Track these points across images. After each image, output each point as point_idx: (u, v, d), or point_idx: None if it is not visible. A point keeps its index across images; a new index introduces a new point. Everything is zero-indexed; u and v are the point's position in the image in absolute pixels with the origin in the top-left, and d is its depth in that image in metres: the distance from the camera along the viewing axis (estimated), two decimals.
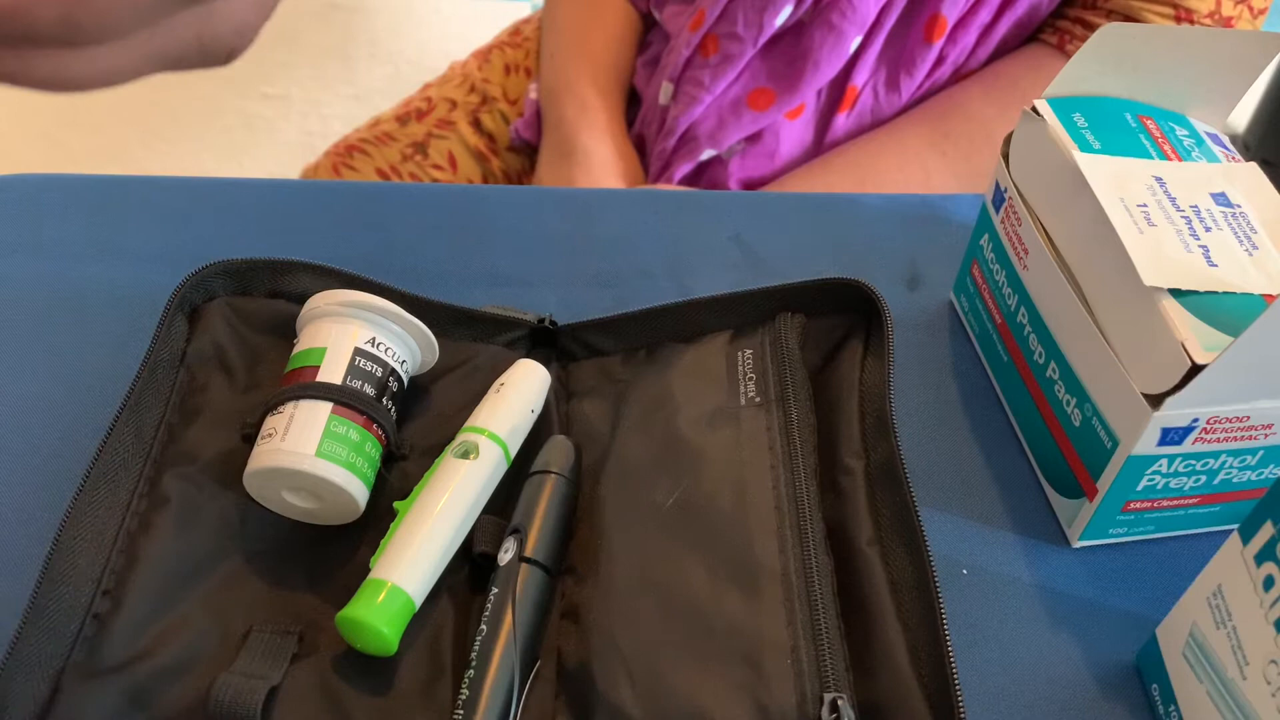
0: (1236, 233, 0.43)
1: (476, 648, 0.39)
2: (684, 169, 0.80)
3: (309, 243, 0.58)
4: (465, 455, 0.43)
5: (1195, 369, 0.38)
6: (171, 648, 0.38)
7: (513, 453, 0.45)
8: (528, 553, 0.41)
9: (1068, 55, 0.76)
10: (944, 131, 0.78)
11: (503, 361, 0.48)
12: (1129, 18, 0.74)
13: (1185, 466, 0.43)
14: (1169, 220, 0.43)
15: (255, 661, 0.38)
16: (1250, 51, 0.48)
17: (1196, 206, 0.44)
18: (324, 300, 0.45)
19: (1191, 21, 0.72)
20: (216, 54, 0.23)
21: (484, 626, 0.39)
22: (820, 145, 0.81)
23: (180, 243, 0.58)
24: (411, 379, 0.47)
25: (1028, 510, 0.48)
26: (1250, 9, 0.74)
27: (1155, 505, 0.45)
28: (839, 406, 0.45)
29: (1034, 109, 0.48)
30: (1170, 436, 0.41)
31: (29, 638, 0.36)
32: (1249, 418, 0.41)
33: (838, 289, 0.48)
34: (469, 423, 0.44)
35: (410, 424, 0.47)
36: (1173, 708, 0.40)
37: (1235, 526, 0.36)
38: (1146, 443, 0.41)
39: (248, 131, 1.84)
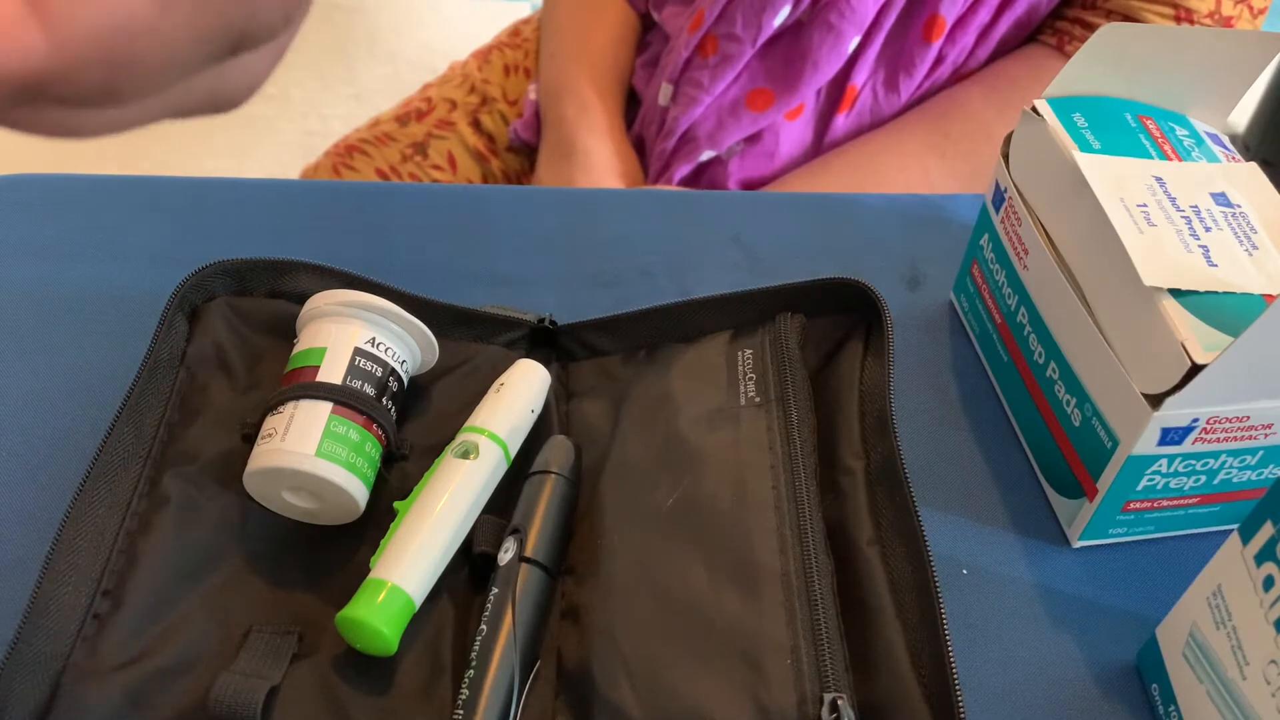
0: (1236, 233, 0.43)
1: (476, 648, 0.39)
2: (683, 170, 0.80)
3: (309, 243, 0.58)
4: (465, 455, 0.43)
5: (1195, 369, 0.38)
6: (171, 648, 0.38)
7: (513, 453, 0.45)
8: (528, 553, 0.41)
9: (1067, 55, 0.76)
10: (943, 132, 0.78)
11: (503, 361, 0.48)
12: (1129, 18, 0.74)
13: (1185, 466, 0.43)
14: (1169, 220, 0.43)
15: (255, 661, 0.38)
16: (1250, 51, 0.48)
17: (1196, 206, 0.44)
18: (324, 300, 0.45)
19: (1191, 21, 0.72)
20: (223, 106, 0.23)
21: (484, 626, 0.39)
22: (820, 146, 0.81)
23: (180, 243, 0.58)
24: (411, 379, 0.47)
25: (1028, 510, 0.48)
26: (1250, 9, 0.74)
27: (1155, 505, 0.45)
28: (839, 406, 0.45)
29: (1034, 109, 0.48)
30: (1170, 436, 0.41)
31: (29, 638, 0.36)
32: (1249, 418, 0.41)
33: (838, 289, 0.48)
34: (469, 423, 0.44)
35: (410, 424, 0.47)
36: (1173, 708, 0.40)
37: (1235, 526, 0.36)
38: (1146, 443, 0.41)
39: (248, 131, 1.84)
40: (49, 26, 0.17)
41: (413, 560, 0.39)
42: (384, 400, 0.43)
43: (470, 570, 0.42)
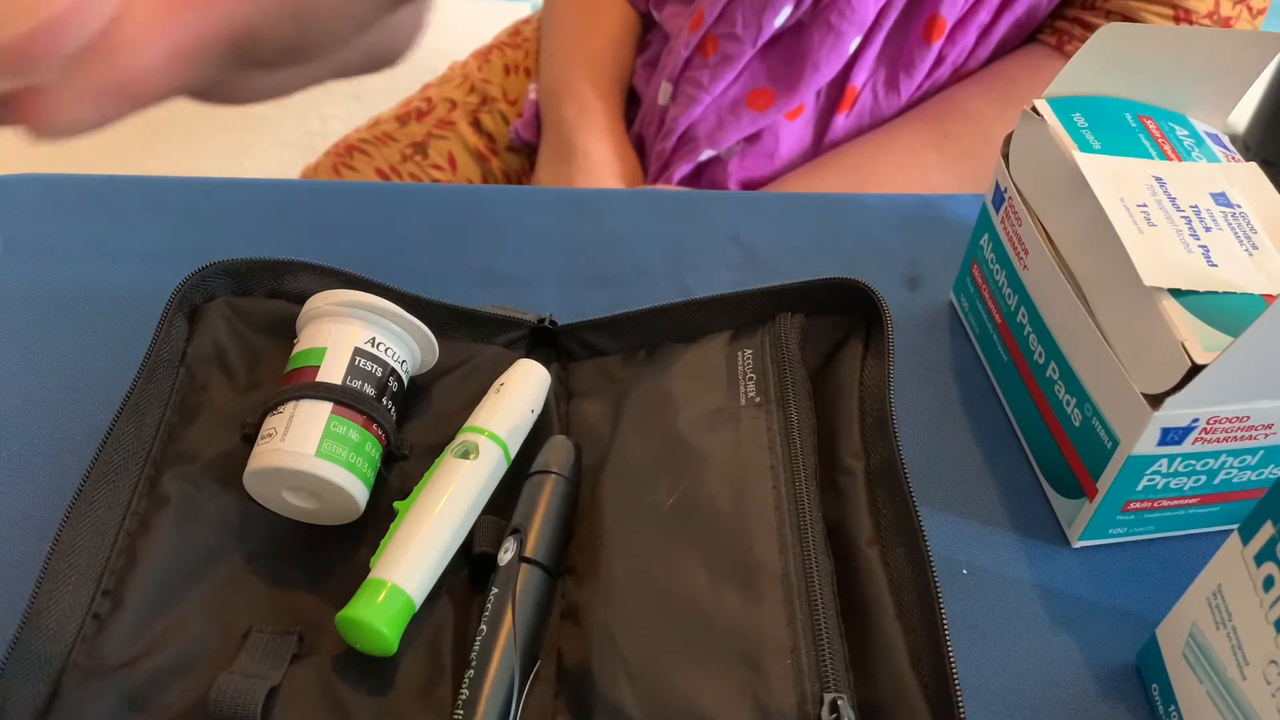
0: (1236, 233, 0.43)
1: (476, 648, 0.39)
2: (683, 169, 0.80)
3: (309, 243, 0.58)
4: (465, 455, 0.43)
5: (1195, 369, 0.38)
6: (171, 648, 0.38)
7: (513, 453, 0.45)
8: (528, 553, 0.41)
9: (1066, 55, 0.76)
10: (943, 132, 0.78)
11: (503, 361, 0.48)
12: (1128, 18, 0.74)
13: (1185, 466, 0.43)
14: (1169, 220, 0.43)
15: (255, 661, 0.38)
16: (1250, 51, 0.48)
17: (1196, 206, 0.44)
18: (324, 300, 0.45)
19: (1191, 22, 0.72)
20: (386, 59, 0.23)
21: (484, 626, 0.39)
22: (819, 146, 0.81)
23: (180, 243, 0.58)
24: (411, 379, 0.47)
25: (1028, 510, 0.48)
26: (1249, 9, 0.74)
27: (1155, 505, 0.45)
28: (839, 406, 0.45)
29: (1034, 109, 0.48)
30: (1170, 436, 0.41)
31: (29, 638, 0.36)
32: (1249, 418, 0.41)
33: (838, 289, 0.48)
34: (469, 423, 0.44)
35: (410, 424, 0.46)
36: (1173, 708, 0.40)
37: (1235, 526, 0.36)
38: (1146, 443, 0.41)
39: (248, 131, 1.84)
40: None
41: (413, 560, 0.39)
42: (384, 400, 0.43)
43: (470, 570, 0.42)
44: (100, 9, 0.18)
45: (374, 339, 0.44)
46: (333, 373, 0.42)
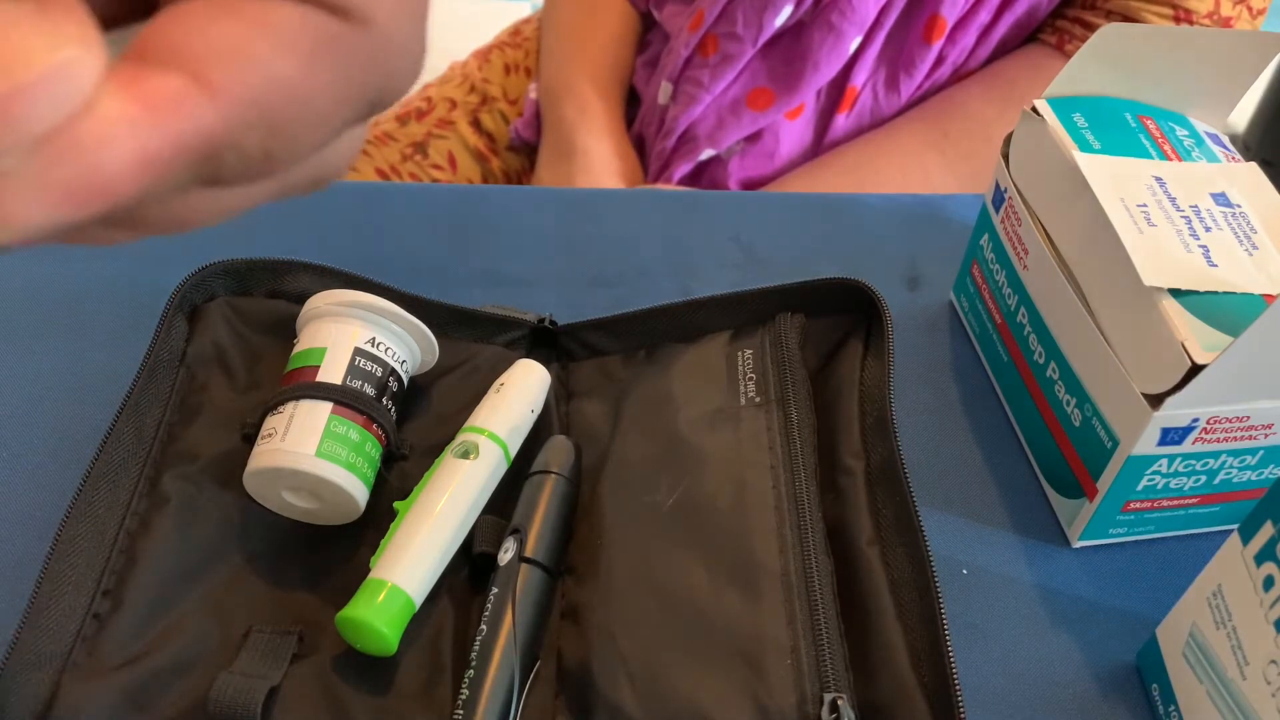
0: (1236, 233, 0.43)
1: (476, 648, 0.39)
2: (683, 169, 0.80)
3: (309, 243, 0.58)
4: (465, 455, 0.43)
5: (1195, 369, 0.38)
6: (171, 648, 0.38)
7: (513, 453, 0.45)
8: (528, 553, 0.41)
9: (1067, 55, 0.76)
10: (943, 131, 0.78)
11: (503, 361, 0.48)
12: (1128, 18, 0.74)
13: (1185, 466, 0.43)
14: (1169, 220, 0.43)
15: (255, 661, 0.38)
16: (1250, 51, 0.48)
17: (1196, 206, 0.44)
18: (324, 300, 0.45)
19: (1191, 22, 0.72)
20: (323, 181, 0.22)
21: (484, 626, 0.39)
22: (820, 146, 0.81)
23: (180, 243, 0.57)
24: (411, 379, 0.47)
25: (1028, 510, 0.48)
26: (1249, 9, 0.74)
27: (1155, 505, 0.45)
28: (839, 406, 0.45)
29: (1034, 109, 0.48)
30: (1170, 436, 0.41)
31: (29, 638, 0.36)
32: (1249, 418, 0.41)
33: (838, 289, 0.48)
34: (469, 423, 0.44)
35: (410, 424, 0.46)
36: (1173, 708, 0.40)
37: (1235, 526, 0.36)
38: (1146, 443, 0.41)
39: None
40: (213, 93, 0.17)
41: (413, 560, 0.39)
42: (384, 400, 0.43)
43: (470, 570, 0.42)
44: (67, 89, 0.15)
45: (374, 339, 0.44)
46: (333, 373, 0.42)
